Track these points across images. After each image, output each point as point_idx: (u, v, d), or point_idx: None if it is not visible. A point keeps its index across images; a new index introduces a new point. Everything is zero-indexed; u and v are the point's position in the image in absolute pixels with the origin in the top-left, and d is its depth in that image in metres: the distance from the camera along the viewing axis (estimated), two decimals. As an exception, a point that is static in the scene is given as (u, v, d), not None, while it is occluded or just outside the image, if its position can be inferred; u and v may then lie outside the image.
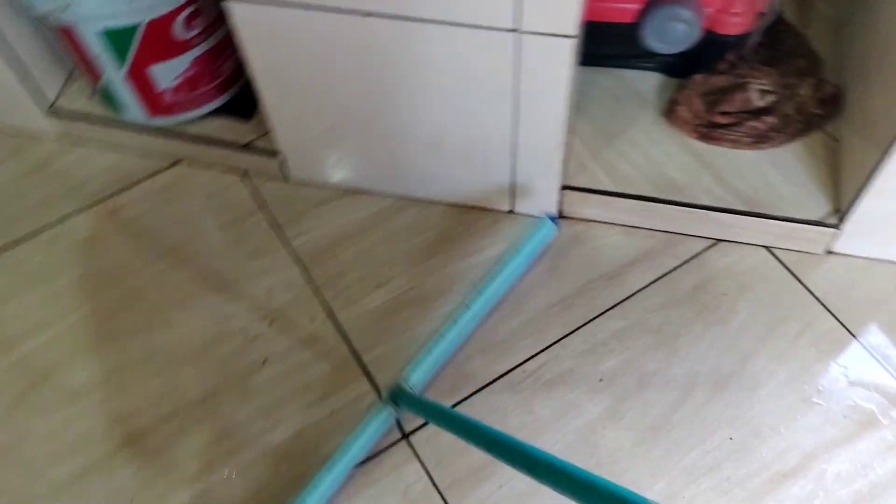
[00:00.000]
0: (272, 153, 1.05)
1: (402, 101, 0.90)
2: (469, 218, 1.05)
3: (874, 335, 0.94)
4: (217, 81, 1.05)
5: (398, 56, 0.83)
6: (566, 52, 0.78)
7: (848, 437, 0.87)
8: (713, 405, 0.90)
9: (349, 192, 1.08)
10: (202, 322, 0.97)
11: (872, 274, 0.98)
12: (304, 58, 0.87)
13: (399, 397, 0.86)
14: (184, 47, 0.97)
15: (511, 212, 1.05)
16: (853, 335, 0.94)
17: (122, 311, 0.99)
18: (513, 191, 1.01)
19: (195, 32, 0.97)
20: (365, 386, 0.92)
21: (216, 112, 1.10)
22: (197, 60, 1.00)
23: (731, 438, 0.88)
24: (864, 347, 0.93)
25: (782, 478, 0.85)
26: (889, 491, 0.84)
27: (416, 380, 0.88)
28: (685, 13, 0.92)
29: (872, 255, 0.98)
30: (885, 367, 0.91)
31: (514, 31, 0.77)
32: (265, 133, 1.07)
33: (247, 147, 1.07)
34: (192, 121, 1.09)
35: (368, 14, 0.79)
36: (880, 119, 0.88)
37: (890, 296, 0.96)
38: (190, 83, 1.02)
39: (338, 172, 1.05)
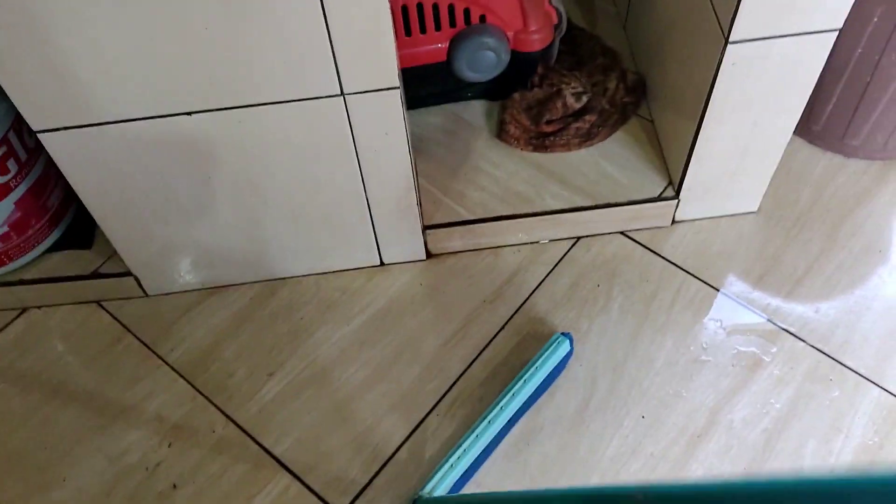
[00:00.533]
0: (123, 274, 1.01)
1: (247, 187, 0.89)
2: (343, 282, 1.05)
3: (735, 284, 1.02)
4: (46, 217, 0.99)
5: (232, 144, 0.83)
6: (394, 102, 0.80)
7: (741, 382, 0.94)
8: (618, 390, 0.94)
9: (215, 289, 1.05)
10: (97, 466, 0.91)
11: (717, 230, 1.07)
12: (134, 172, 0.84)
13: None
14: (3, 193, 0.91)
15: (382, 264, 1.06)
16: (716, 289, 1.01)
17: (4, 478, 0.91)
18: (378, 244, 1.02)
19: (11, 174, 0.91)
20: (286, 478, 0.89)
21: (53, 248, 1.04)
22: (21, 202, 0.94)
23: (643, 416, 0.92)
24: (730, 297, 1.01)
25: (697, 439, 0.90)
26: (792, 420, 0.91)
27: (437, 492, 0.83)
28: (490, 41, 0.97)
29: (711, 214, 1.07)
30: (752, 311, 1.00)
31: (340, 95, 0.78)
32: (111, 255, 1.03)
33: (95, 275, 1.02)
34: (30, 263, 1.03)
35: (191, 113, 0.78)
36: (681, 94, 0.97)
37: (736, 246, 1.05)
38: (18, 227, 0.96)
39: (197, 274, 1.02)
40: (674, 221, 1.07)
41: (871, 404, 0.92)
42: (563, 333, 0.94)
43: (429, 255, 1.06)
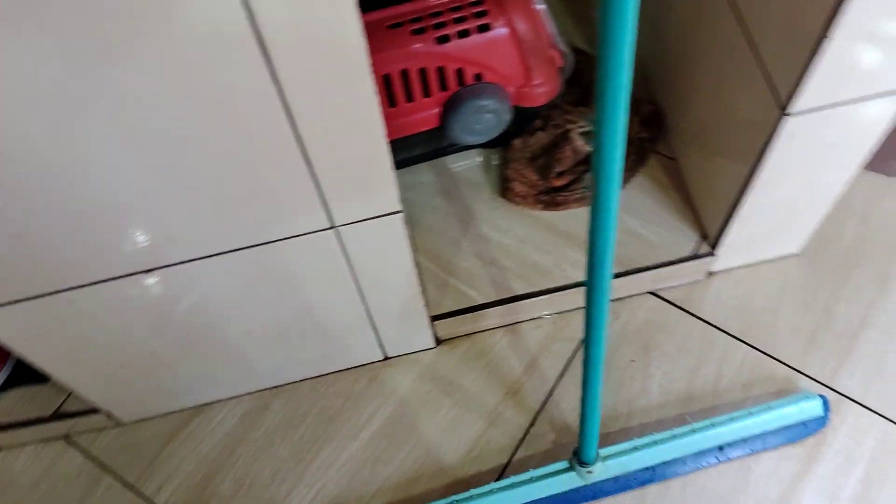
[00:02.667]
0: (90, 411, 0.87)
1: (230, 323, 0.75)
2: (344, 385, 0.92)
3: (785, 346, 0.91)
4: (-11, 354, 0.85)
5: (213, 289, 0.69)
6: (394, 225, 0.66)
7: (805, 466, 0.84)
8: (670, 493, 0.83)
9: (198, 409, 0.92)
10: None
11: (757, 281, 0.95)
12: (102, 331, 0.70)
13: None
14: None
15: (386, 358, 0.93)
16: (765, 353, 0.90)
17: None
18: (380, 341, 0.89)
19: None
20: None
21: (6, 385, 0.89)
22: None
23: (703, 522, 0.82)
24: (781, 362, 0.90)
25: (768, 545, 0.80)
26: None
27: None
28: (489, 103, 0.82)
29: (750, 262, 0.95)
30: (807, 376, 0.89)
31: (332, 228, 0.64)
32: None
33: (57, 413, 0.88)
34: (-22, 404, 0.89)
35: (149, 270, 0.63)
36: (721, 143, 0.83)
37: (781, 298, 0.94)
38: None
39: (178, 398, 0.88)
40: (709, 274, 0.95)
41: (952, 480, 0.83)
42: (821, 396, 0.86)
43: (438, 341, 0.93)
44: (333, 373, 0.92)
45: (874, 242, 0.96)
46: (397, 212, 0.64)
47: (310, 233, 0.64)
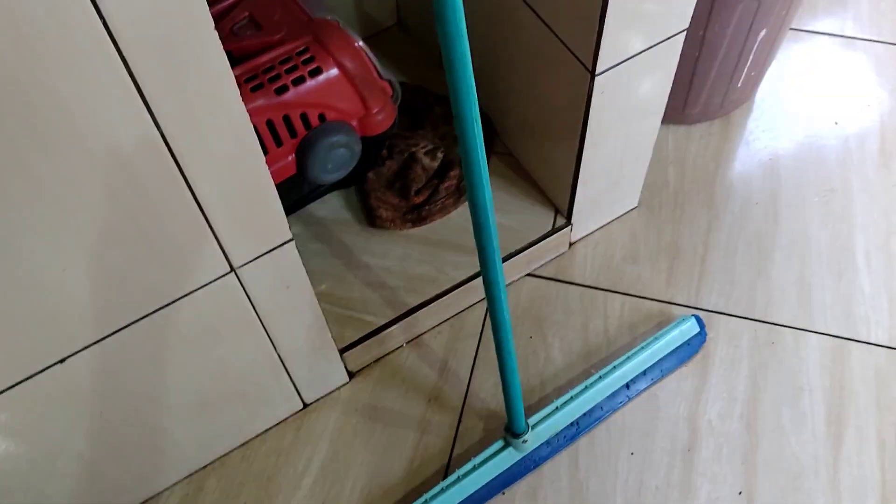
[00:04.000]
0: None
1: (143, 403, 0.75)
2: (272, 444, 0.92)
3: (651, 285, 1.02)
4: None
5: (128, 365, 0.69)
6: (290, 254, 0.70)
7: (701, 379, 0.94)
8: (596, 436, 0.91)
9: (131, 513, 0.89)
10: None
11: (611, 238, 1.06)
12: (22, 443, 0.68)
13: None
14: None
15: (305, 406, 0.95)
16: (638, 296, 1.01)
17: None
18: (297, 389, 0.91)
19: None
20: None
21: None
22: None
23: (632, 454, 0.90)
24: (652, 299, 1.00)
25: (689, 453, 0.89)
26: (759, 397, 0.92)
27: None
28: (339, 139, 0.88)
29: (601, 224, 1.06)
30: (677, 304, 1.00)
31: (232, 271, 0.67)
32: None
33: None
34: None
35: (64, 360, 0.63)
36: (547, 126, 0.94)
37: (634, 246, 1.05)
38: None
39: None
40: (571, 244, 1.05)
41: (815, 352, 0.96)
42: (695, 316, 0.96)
43: (351, 374, 0.96)
44: (259, 435, 0.93)
45: (694, 181, 1.11)
46: (289, 240, 0.68)
47: (211, 282, 0.66)
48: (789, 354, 0.96)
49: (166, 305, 0.66)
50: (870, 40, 1.23)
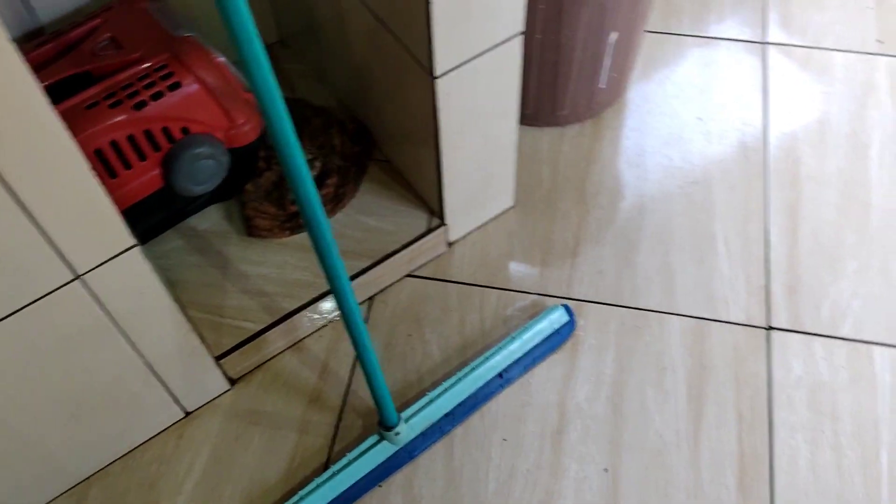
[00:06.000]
0: None
1: (17, 409, 0.76)
2: (154, 452, 0.94)
3: (526, 278, 1.06)
4: None
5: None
6: (136, 260, 0.72)
7: (570, 365, 0.98)
8: (471, 424, 0.94)
9: (11, 530, 0.89)
10: None
11: (488, 236, 1.10)
12: None
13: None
14: None
15: (188, 414, 0.96)
16: (513, 290, 1.05)
17: None
18: (175, 397, 0.92)
19: None
20: None
21: None
22: None
23: (504, 440, 0.93)
24: (527, 292, 1.05)
25: (558, 435, 0.93)
26: (625, 379, 0.97)
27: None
28: (203, 150, 0.91)
29: (478, 223, 1.11)
30: (550, 295, 1.04)
31: (77, 278, 0.69)
32: None
33: None
34: None
35: None
36: (409, 131, 0.98)
37: (510, 243, 1.09)
38: None
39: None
40: (449, 244, 1.09)
41: (677, 333, 1.01)
42: (564, 306, 1.00)
43: (233, 381, 0.98)
44: (142, 444, 0.94)
45: (566, 179, 1.16)
46: (132, 246, 0.71)
47: (56, 289, 0.68)
48: (654, 337, 1.01)
49: (13, 314, 0.67)
50: (731, 39, 1.31)
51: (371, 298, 1.05)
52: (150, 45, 0.91)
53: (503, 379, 0.97)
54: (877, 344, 1.00)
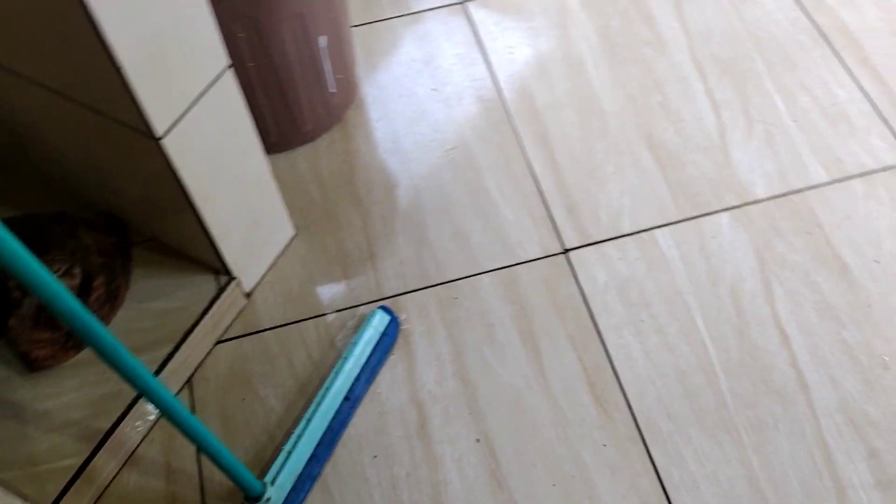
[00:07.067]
0: None
1: None
2: None
3: (334, 296, 1.05)
4: None
5: None
6: None
7: (410, 361, 0.99)
8: (339, 458, 0.92)
9: None
10: None
11: (284, 272, 1.08)
12: None
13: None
14: None
15: (38, 584, 0.86)
16: (323, 315, 1.04)
17: None
18: (16, 574, 0.82)
19: None
20: None
21: None
22: None
23: (374, 456, 0.92)
24: (339, 311, 1.04)
25: (422, 430, 0.94)
26: (464, 353, 0.99)
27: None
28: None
29: (268, 263, 1.08)
30: (366, 304, 1.04)
31: None
32: None
33: None
34: None
35: None
36: (157, 202, 0.93)
37: (307, 270, 1.08)
38: None
39: None
40: (248, 295, 1.05)
41: (491, 289, 1.05)
42: (381, 308, 1.00)
43: (76, 527, 0.89)
44: None
45: (336, 189, 1.16)
46: None
47: None
48: (472, 301, 1.04)
49: None
50: (434, 9, 1.36)
51: (189, 381, 0.99)
52: None
53: (351, 401, 0.95)
54: (655, 228, 1.09)
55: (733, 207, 1.10)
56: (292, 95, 1.09)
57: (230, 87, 0.85)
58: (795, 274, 1.04)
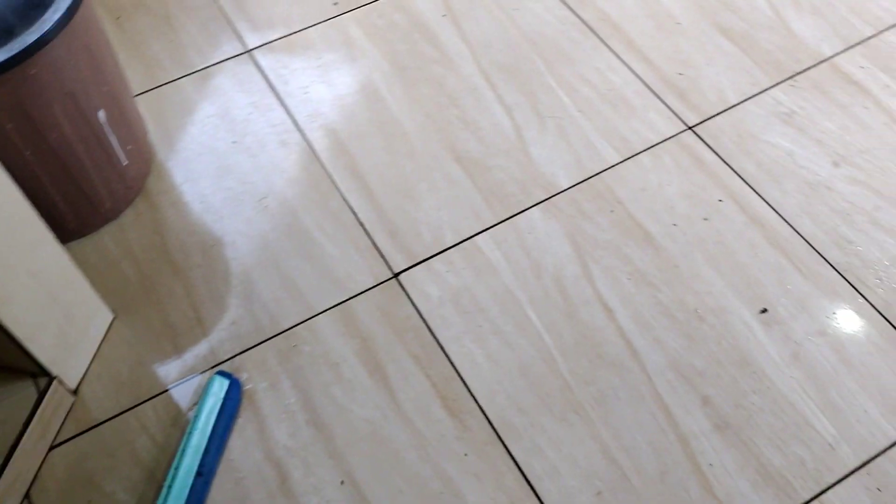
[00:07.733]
0: None
1: None
2: None
3: (169, 372, 1.01)
4: None
5: None
6: None
7: (259, 419, 0.97)
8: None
9: None
10: None
11: (108, 362, 1.02)
12: None
13: None
14: None
15: None
16: (155, 395, 0.99)
17: None
18: None
19: None
20: None
21: None
22: None
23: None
24: (176, 385, 1.00)
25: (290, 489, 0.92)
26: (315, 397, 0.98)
27: None
28: None
29: (90, 356, 1.02)
30: (209, 371, 1.01)
31: None
32: None
33: None
34: None
35: None
36: None
37: (133, 354, 1.03)
38: None
39: None
40: (74, 392, 0.99)
41: (329, 328, 1.04)
42: (218, 373, 0.97)
43: None
44: None
45: (150, 262, 1.11)
46: None
47: None
48: (313, 345, 1.03)
49: None
50: (219, 62, 1.34)
51: (27, 495, 0.92)
52: None
53: (204, 475, 0.92)
54: (475, 235, 1.13)
55: (542, 201, 1.16)
56: (82, 176, 1.04)
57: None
58: (607, 251, 1.11)
